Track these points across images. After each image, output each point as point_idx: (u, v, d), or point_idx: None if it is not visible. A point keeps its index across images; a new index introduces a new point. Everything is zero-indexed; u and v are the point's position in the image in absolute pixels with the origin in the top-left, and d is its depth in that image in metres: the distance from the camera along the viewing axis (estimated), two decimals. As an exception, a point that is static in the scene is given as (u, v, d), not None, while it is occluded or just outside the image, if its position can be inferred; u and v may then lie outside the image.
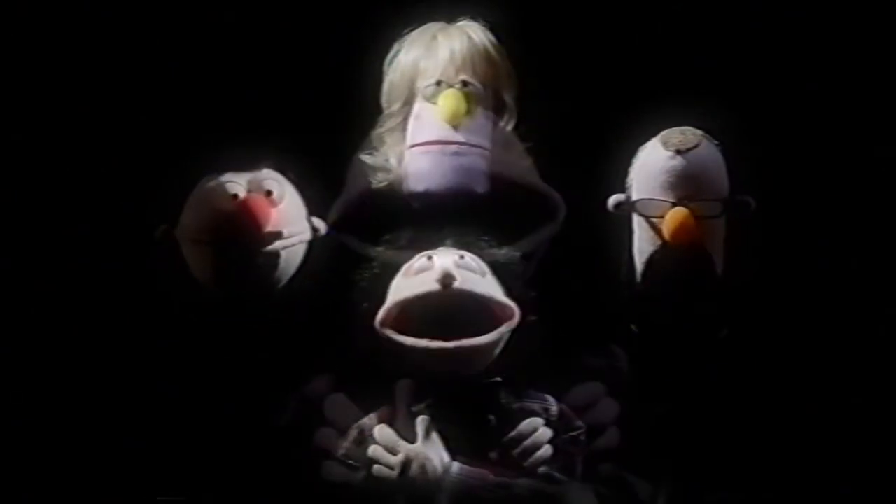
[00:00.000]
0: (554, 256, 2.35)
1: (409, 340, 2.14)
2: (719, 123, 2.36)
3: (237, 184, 2.34)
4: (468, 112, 2.31)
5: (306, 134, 2.47)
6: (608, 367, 2.25)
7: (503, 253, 2.24)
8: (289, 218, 2.36)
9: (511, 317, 2.17)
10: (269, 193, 2.35)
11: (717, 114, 2.37)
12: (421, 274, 2.17)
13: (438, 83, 2.33)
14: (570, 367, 2.24)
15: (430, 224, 2.23)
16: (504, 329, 2.16)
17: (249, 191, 2.34)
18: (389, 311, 2.17)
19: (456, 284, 2.13)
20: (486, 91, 2.35)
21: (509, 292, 2.20)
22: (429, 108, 2.34)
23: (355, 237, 2.30)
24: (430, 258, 2.18)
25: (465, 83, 2.33)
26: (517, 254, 2.25)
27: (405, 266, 2.21)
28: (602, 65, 2.56)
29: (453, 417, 2.15)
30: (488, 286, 2.18)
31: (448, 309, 2.14)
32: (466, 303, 2.15)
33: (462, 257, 2.18)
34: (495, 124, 2.35)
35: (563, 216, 2.31)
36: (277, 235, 2.33)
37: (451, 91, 2.32)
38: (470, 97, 2.32)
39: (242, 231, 2.30)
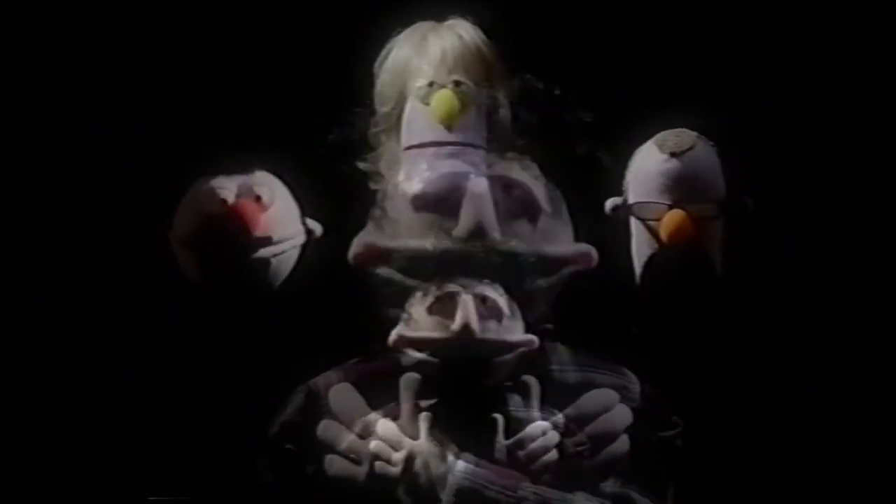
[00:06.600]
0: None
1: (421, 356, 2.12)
2: (714, 124, 2.35)
3: (227, 189, 2.33)
4: (462, 111, 2.28)
5: (302, 134, 2.42)
6: (620, 387, 2.19)
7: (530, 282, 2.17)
8: (280, 223, 2.34)
9: (530, 346, 2.13)
10: (258, 199, 2.33)
11: (712, 115, 2.36)
12: (442, 311, 2.12)
13: (431, 84, 2.30)
14: (581, 382, 2.19)
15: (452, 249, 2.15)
16: (520, 350, 2.13)
17: (239, 195, 2.32)
18: (402, 337, 2.13)
19: (476, 334, 2.09)
20: (480, 90, 2.31)
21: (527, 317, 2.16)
22: (421, 110, 2.30)
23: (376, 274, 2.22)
24: (452, 297, 2.12)
25: (457, 83, 2.30)
26: (544, 285, 2.19)
27: (427, 293, 2.14)
28: (597, 66, 2.53)
29: (460, 415, 2.10)
30: (510, 330, 2.13)
31: (466, 347, 2.10)
32: (485, 344, 2.11)
33: (485, 301, 2.12)
34: (490, 122, 2.30)
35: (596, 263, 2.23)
36: (267, 241, 2.32)
37: (443, 91, 2.28)
38: (463, 96, 2.29)
39: (230, 237, 2.29)
